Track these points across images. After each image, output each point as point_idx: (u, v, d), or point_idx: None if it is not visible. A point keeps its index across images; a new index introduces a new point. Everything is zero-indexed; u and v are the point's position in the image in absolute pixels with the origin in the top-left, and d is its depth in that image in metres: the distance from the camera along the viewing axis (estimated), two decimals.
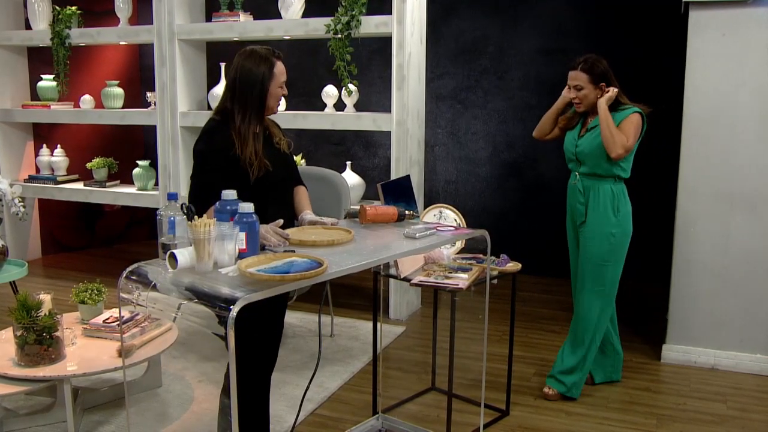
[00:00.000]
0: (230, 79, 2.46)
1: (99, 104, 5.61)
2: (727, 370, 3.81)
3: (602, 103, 3.21)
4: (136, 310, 3.28)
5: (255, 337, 2.47)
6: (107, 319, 3.29)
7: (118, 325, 3.18)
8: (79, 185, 5.65)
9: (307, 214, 2.59)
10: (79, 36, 5.36)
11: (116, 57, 6.41)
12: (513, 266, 3.16)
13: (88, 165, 5.59)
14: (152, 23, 5.04)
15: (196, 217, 1.93)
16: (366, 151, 6.20)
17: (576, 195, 3.35)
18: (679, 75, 3.79)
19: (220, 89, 4.94)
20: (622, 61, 5.33)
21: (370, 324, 3.41)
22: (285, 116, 4.83)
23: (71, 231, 6.39)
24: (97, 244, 6.54)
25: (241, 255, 1.99)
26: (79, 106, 5.62)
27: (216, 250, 1.92)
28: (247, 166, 2.39)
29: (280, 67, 2.47)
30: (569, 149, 3.37)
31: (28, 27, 5.67)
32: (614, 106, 3.26)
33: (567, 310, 4.80)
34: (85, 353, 3.06)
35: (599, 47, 5.41)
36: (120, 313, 2.27)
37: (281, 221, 2.32)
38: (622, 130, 3.19)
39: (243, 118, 2.41)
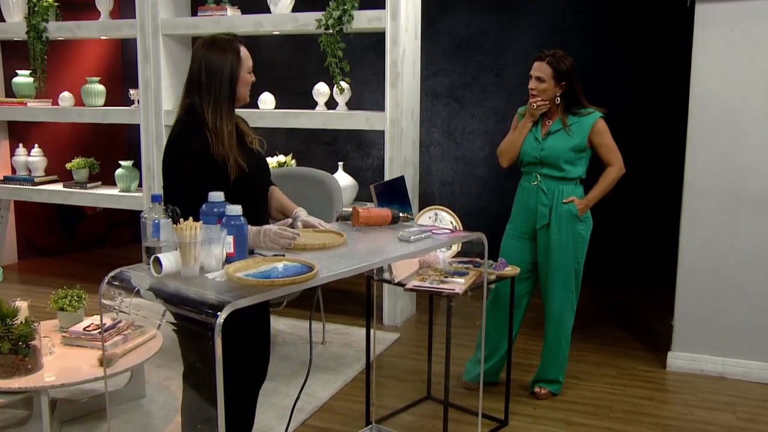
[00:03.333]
0: (194, 72, 2.40)
1: (79, 102, 5.59)
2: (736, 378, 3.81)
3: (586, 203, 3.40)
4: (119, 317, 3.28)
5: (239, 345, 2.47)
6: (88, 326, 3.27)
7: (100, 332, 3.17)
8: (58, 186, 5.62)
9: (301, 212, 2.56)
10: (57, 30, 5.35)
11: (97, 52, 6.39)
12: (511, 270, 3.17)
13: (68, 165, 5.57)
14: (135, 17, 5.03)
15: (181, 219, 1.92)
16: (359, 151, 6.20)
17: (539, 197, 3.40)
18: (685, 71, 3.79)
19: None
20: (626, 56, 5.37)
21: (363, 331, 3.42)
22: (274, 115, 4.83)
23: (50, 235, 6.36)
24: (77, 249, 6.52)
25: (229, 259, 1.99)
26: (57, 104, 5.60)
27: (202, 254, 1.92)
28: (225, 165, 2.35)
29: (245, 52, 2.44)
30: (530, 152, 3.41)
31: (1, 19, 5.64)
32: (575, 109, 3.35)
33: None
34: (63, 363, 3.05)
35: (601, 42, 5.46)
36: (101, 320, 2.27)
37: (289, 220, 2.32)
38: (603, 143, 3.35)
39: (215, 113, 2.36)
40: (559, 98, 3.32)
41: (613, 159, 3.38)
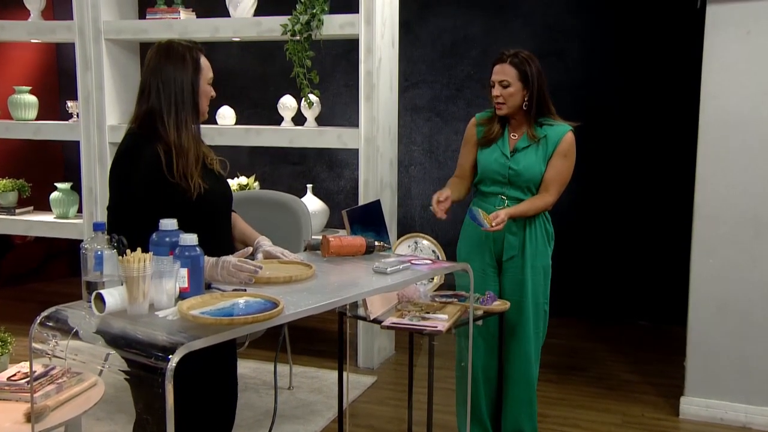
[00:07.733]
0: (149, 81, 2.43)
1: (5, 114, 5.54)
2: (764, 430, 3.78)
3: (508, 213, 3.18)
4: (52, 363, 3.22)
5: (197, 394, 2.45)
6: (13, 375, 3.21)
7: (28, 382, 3.12)
8: None
9: (265, 241, 2.59)
10: None
11: (27, 58, 6.37)
12: (500, 305, 3.18)
13: None
14: (72, 18, 5.02)
15: (128, 251, 1.92)
16: (330, 172, 6.23)
17: (507, 224, 3.21)
18: (694, 80, 3.83)
19: None
20: (628, 65, 5.46)
21: (335, 374, 3.40)
22: (235, 132, 4.84)
23: None
24: (4, 283, 6.43)
25: (183, 295, 1.99)
26: None
27: (152, 290, 1.91)
28: (182, 187, 2.37)
29: (205, 61, 2.49)
30: (496, 170, 3.29)
31: None
32: (544, 119, 3.26)
33: (562, 354, 4.84)
34: None
35: (602, 49, 5.56)
36: (30, 367, 2.22)
37: (249, 249, 2.32)
38: (559, 166, 3.24)
39: (178, 128, 2.39)
40: (526, 104, 3.22)
41: (554, 189, 3.26)
